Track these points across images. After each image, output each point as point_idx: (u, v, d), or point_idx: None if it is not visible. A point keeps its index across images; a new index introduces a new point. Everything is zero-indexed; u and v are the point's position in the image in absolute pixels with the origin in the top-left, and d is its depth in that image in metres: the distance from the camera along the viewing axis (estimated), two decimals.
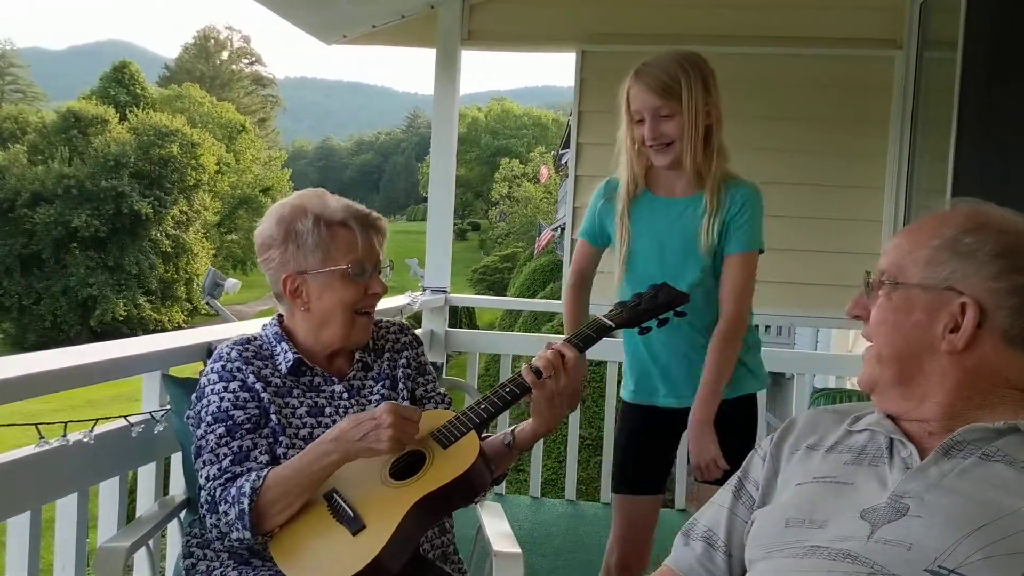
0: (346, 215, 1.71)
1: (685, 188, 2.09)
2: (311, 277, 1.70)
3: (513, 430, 1.70)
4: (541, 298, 14.29)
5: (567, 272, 4.00)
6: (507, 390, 1.63)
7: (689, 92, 1.98)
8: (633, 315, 1.78)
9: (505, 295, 21.26)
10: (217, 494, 1.56)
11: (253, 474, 1.56)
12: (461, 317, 15.86)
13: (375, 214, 1.78)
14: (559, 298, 4.55)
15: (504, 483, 4.16)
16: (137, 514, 1.86)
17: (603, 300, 2.08)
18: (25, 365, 1.59)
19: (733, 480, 1.33)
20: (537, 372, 1.59)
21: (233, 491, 1.54)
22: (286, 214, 1.72)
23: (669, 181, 2.11)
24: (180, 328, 11.93)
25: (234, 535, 1.54)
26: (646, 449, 2.20)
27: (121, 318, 28.75)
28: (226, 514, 1.54)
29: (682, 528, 1.35)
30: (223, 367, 1.68)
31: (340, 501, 1.53)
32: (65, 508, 1.74)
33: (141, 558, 1.91)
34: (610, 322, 1.76)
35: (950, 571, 0.99)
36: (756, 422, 2.19)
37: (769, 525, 1.19)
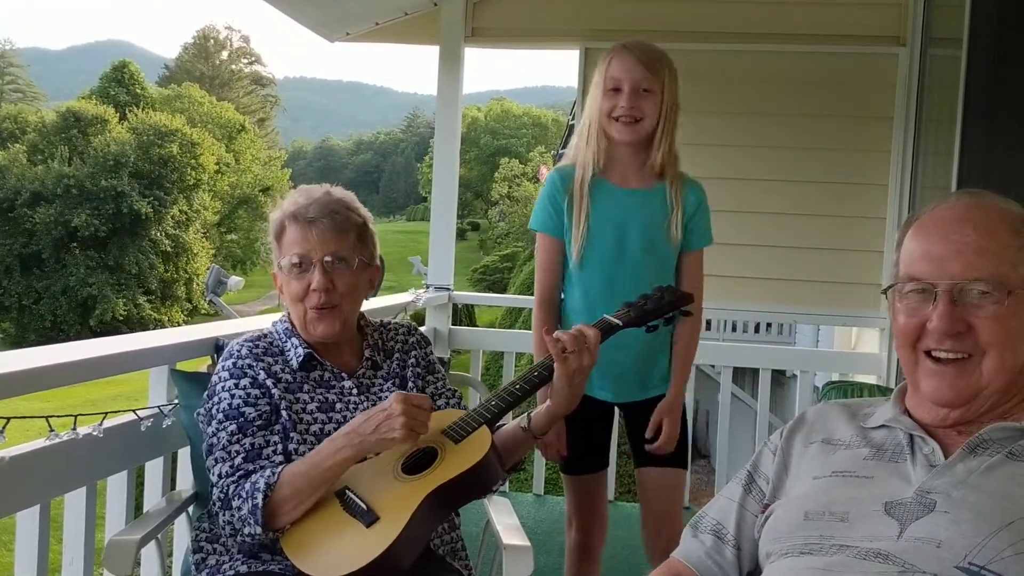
0: (294, 211, 1.74)
1: (640, 178, 2.08)
2: (279, 272, 1.77)
3: (529, 414, 1.71)
4: None
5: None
6: (517, 386, 1.66)
7: (669, 77, 2.02)
8: (640, 315, 1.79)
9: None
10: (230, 490, 1.56)
11: (268, 470, 1.56)
12: (461, 317, 15.84)
13: (333, 209, 1.74)
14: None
15: (508, 481, 4.16)
16: (144, 509, 1.86)
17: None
18: (35, 358, 1.60)
19: (743, 474, 1.33)
20: (562, 348, 1.62)
21: (247, 486, 1.55)
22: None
23: (623, 168, 2.08)
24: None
25: (246, 530, 1.54)
26: (588, 435, 2.21)
27: (121, 317, 28.69)
28: (239, 509, 1.54)
29: (690, 521, 1.35)
30: (234, 364, 1.69)
31: (353, 497, 1.53)
32: (74, 502, 1.74)
33: (148, 553, 1.91)
34: (618, 321, 1.76)
35: (981, 567, 0.99)
36: None
37: (787, 518, 1.19)
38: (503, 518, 1.78)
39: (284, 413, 1.65)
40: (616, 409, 2.26)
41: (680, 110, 2.07)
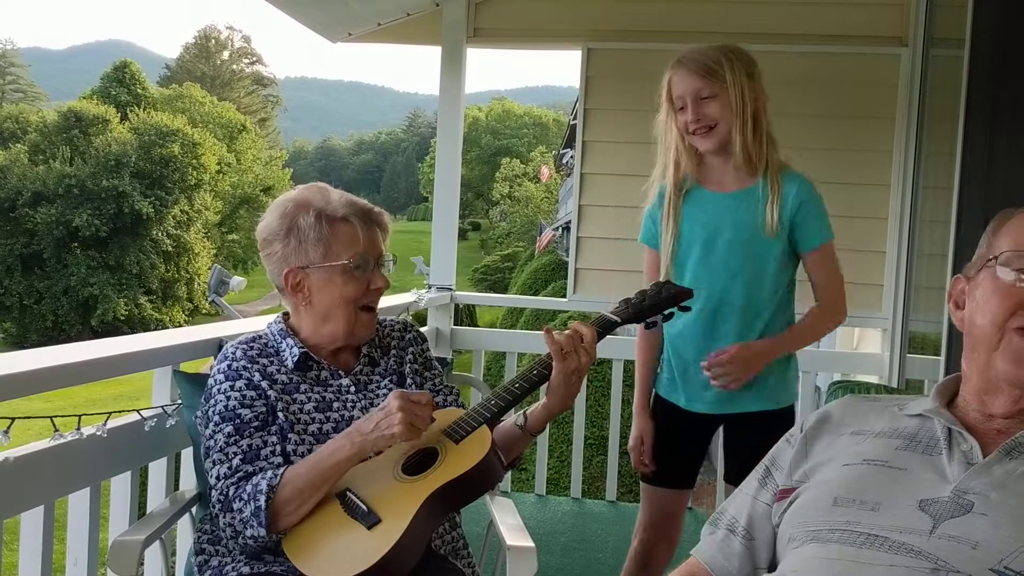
0: (348, 210, 1.72)
1: (736, 179, 2.05)
2: (313, 271, 1.71)
3: (525, 412, 1.72)
4: (544, 297, 14.27)
5: (573, 272, 4.02)
6: (516, 385, 1.66)
7: (732, 74, 1.97)
8: (638, 311, 1.80)
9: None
10: (230, 492, 1.56)
11: (269, 472, 1.55)
12: (462, 317, 15.84)
13: (377, 209, 1.78)
14: (563, 296, 4.55)
15: (510, 481, 4.16)
16: (148, 509, 1.87)
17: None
18: (38, 359, 1.60)
19: (760, 468, 1.34)
20: (560, 347, 1.63)
21: (249, 488, 1.54)
22: (289, 209, 1.73)
23: (718, 174, 2.07)
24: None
25: (248, 532, 1.53)
26: (675, 449, 2.18)
27: (122, 317, 28.73)
28: (240, 511, 1.54)
29: (709, 518, 1.35)
30: (228, 366, 1.68)
31: (354, 498, 1.53)
32: (78, 502, 1.74)
33: (152, 553, 1.91)
34: (615, 317, 1.77)
35: (1016, 573, 0.99)
36: None
37: (814, 503, 1.18)
38: (506, 518, 1.77)
39: (281, 415, 1.64)
40: (720, 427, 2.18)
41: (764, 97, 2.02)
